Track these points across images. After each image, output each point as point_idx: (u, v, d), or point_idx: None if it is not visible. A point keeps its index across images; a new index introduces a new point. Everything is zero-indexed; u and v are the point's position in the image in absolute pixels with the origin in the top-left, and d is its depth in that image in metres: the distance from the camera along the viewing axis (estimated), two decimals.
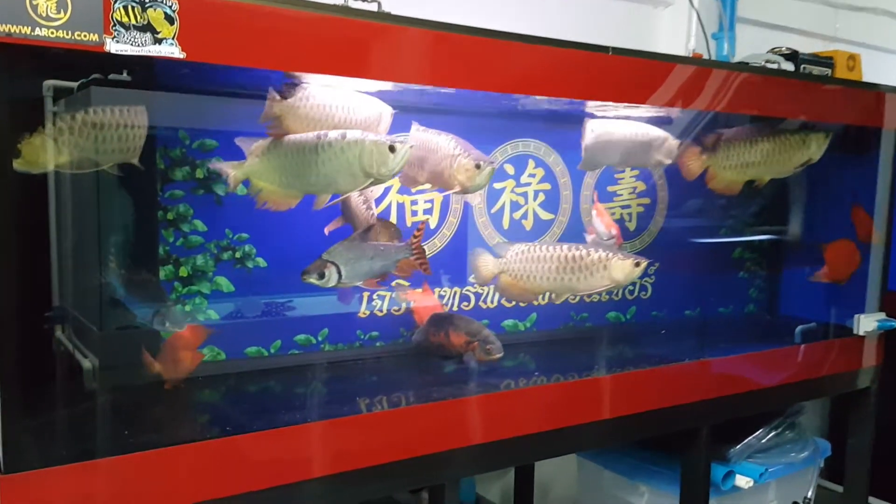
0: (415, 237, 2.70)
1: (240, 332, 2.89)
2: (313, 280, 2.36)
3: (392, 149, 2.27)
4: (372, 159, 2.27)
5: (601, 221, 3.31)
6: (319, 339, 3.07)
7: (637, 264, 2.78)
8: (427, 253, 3.25)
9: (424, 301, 3.25)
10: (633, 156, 3.29)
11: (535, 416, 2.78)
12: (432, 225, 3.30)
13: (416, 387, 2.94)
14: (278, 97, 2.35)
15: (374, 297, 3.16)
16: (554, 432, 2.81)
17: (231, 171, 2.41)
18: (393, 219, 3.20)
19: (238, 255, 2.86)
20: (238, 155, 2.51)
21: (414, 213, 3.25)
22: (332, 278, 2.36)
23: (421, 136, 2.73)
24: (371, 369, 3.09)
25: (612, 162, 3.41)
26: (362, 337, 3.18)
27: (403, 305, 3.24)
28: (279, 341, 2.98)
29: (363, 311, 3.16)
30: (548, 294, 3.13)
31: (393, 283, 3.14)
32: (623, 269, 2.76)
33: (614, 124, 3.24)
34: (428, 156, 2.70)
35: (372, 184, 2.35)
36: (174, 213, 2.73)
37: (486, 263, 2.99)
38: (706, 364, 3.31)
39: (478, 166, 2.65)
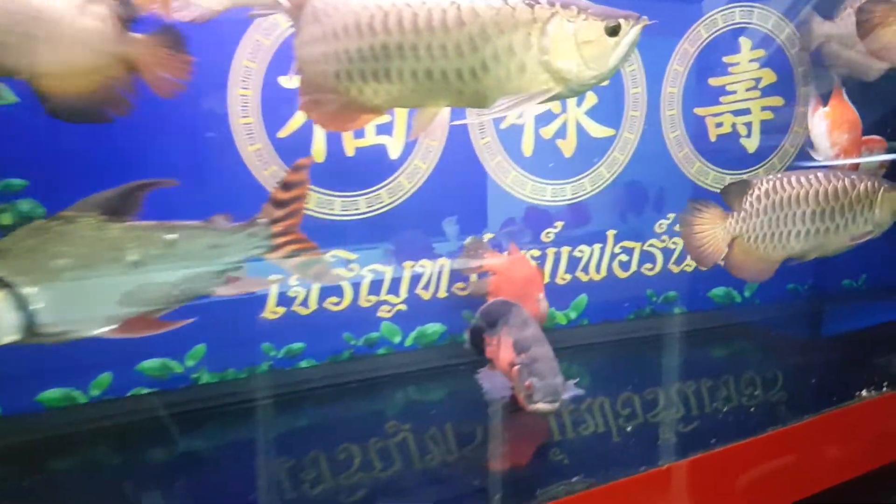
0: (277, 200, 1.27)
1: (27, 370, 1.57)
2: None
3: None
4: None
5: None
6: (189, 363, 1.73)
7: None
8: (389, 202, 1.86)
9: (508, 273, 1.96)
10: None
11: None
12: (394, 154, 1.87)
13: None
14: None
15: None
16: None
17: None
18: (319, 151, 1.79)
19: (7, 220, 1.52)
20: None
21: (359, 135, 1.83)
22: None
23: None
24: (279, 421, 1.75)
25: None
26: (271, 353, 1.82)
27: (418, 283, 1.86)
28: (108, 374, 1.65)
29: (270, 309, 1.80)
30: None
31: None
32: (893, 203, 1.88)
33: None
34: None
35: None
36: None
37: (710, 226, 1.83)
38: None
39: (614, 30, 1.22)
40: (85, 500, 1.44)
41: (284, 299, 1.80)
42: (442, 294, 1.98)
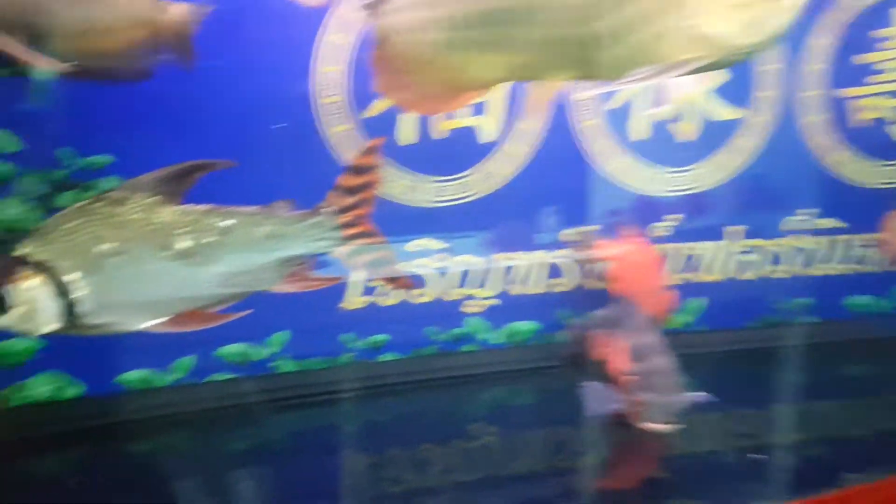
0: (344, 187, 1.14)
1: (111, 349, 1.55)
2: None
3: None
4: None
5: None
6: (273, 350, 1.67)
7: None
8: (482, 189, 1.74)
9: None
10: None
11: None
12: (488, 136, 1.73)
13: None
14: None
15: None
16: None
17: None
18: (408, 132, 1.68)
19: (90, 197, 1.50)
20: None
21: (451, 115, 1.71)
22: (38, 312, 0.88)
23: None
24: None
25: None
26: (352, 344, 1.73)
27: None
28: (192, 357, 1.61)
29: (353, 298, 1.71)
30: None
31: None
32: None
33: None
34: None
35: None
36: None
37: None
38: None
39: None
40: (151, 485, 1.40)
41: (368, 289, 1.71)
42: (537, 289, 1.82)
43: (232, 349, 1.63)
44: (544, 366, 1.82)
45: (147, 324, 0.92)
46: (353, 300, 1.70)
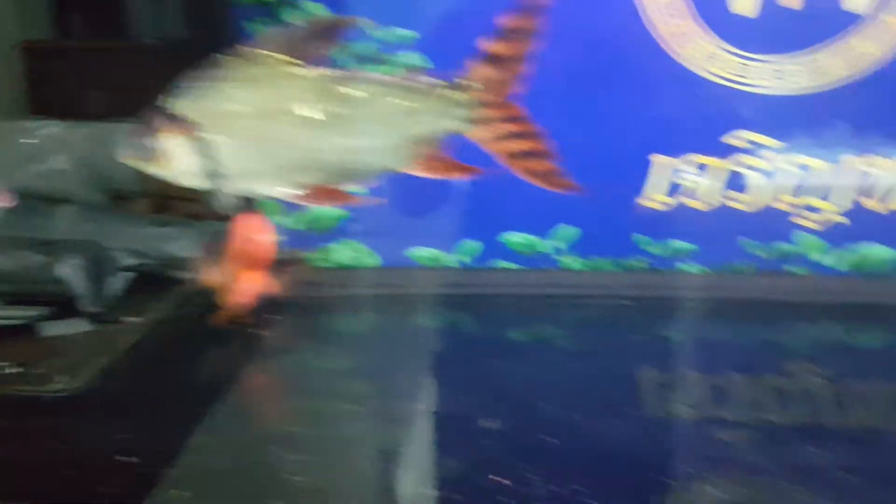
0: (486, 54, 0.88)
1: (402, 226, 1.59)
2: None
3: None
4: None
5: None
6: (558, 244, 1.57)
7: None
8: (839, 74, 1.39)
9: None
10: None
11: None
12: (855, 5, 1.32)
13: None
14: None
15: None
16: None
17: None
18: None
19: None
20: None
21: None
22: (179, 166, 0.86)
23: None
24: None
25: None
26: (646, 247, 1.54)
27: None
28: (480, 243, 1.59)
29: (651, 195, 1.49)
30: None
31: None
32: None
33: None
34: None
35: None
36: None
37: None
38: None
39: None
40: (434, 358, 1.42)
41: (674, 186, 1.47)
42: None
43: (516, 237, 1.56)
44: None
45: (278, 192, 0.86)
46: (655, 197, 1.49)
